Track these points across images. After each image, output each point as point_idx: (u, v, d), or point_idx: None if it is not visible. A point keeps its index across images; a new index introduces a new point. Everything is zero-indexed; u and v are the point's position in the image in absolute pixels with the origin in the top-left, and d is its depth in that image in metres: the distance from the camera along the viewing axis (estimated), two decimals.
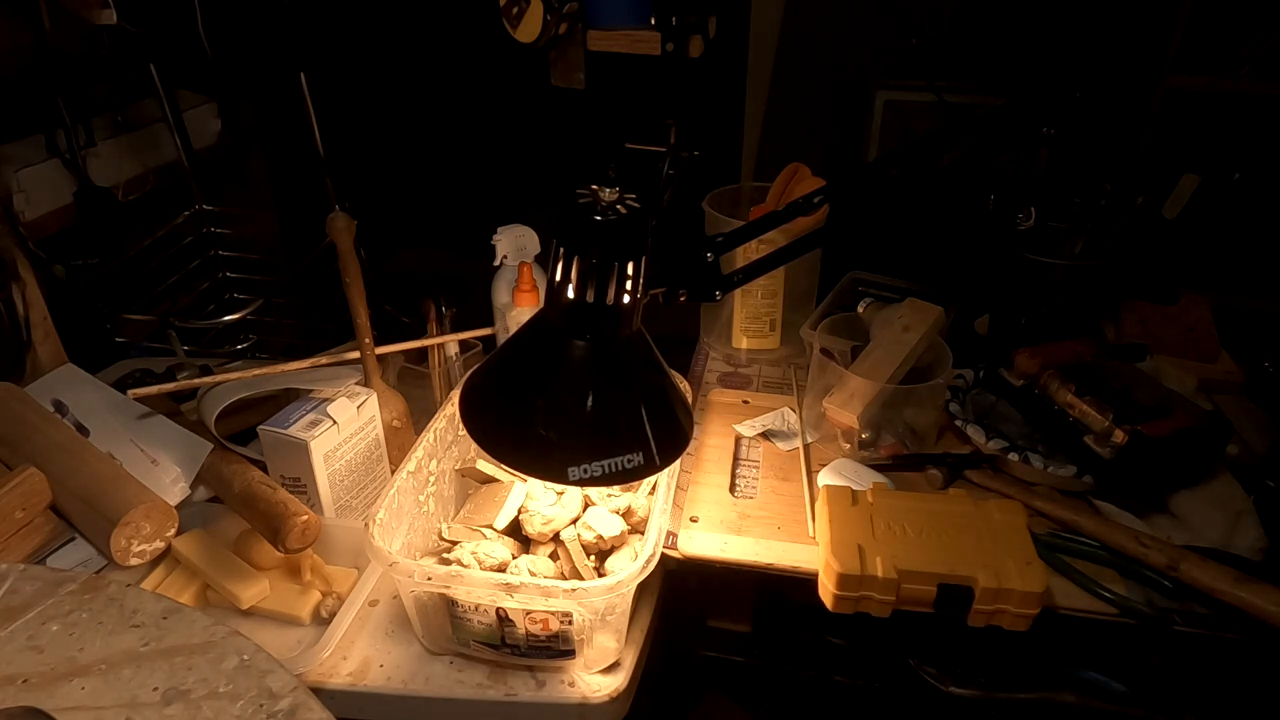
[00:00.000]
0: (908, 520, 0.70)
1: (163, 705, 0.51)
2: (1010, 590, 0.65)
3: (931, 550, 0.67)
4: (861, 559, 0.66)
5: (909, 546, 0.67)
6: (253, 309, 1.15)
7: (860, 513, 0.71)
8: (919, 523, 0.69)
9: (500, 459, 0.60)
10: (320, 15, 1.26)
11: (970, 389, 0.91)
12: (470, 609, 0.66)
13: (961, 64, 1.10)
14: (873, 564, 0.65)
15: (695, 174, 1.15)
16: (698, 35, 1.01)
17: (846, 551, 0.66)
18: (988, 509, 0.72)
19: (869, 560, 0.65)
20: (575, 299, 0.55)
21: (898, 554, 0.66)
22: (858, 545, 0.67)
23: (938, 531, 0.69)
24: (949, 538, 0.68)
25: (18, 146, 1.08)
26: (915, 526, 0.69)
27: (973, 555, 0.66)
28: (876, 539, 0.68)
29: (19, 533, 0.76)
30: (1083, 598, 0.70)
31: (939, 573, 0.65)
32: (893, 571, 0.64)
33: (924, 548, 0.67)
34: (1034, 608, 0.65)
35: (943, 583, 0.64)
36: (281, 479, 0.81)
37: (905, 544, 0.67)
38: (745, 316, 1.05)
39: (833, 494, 0.73)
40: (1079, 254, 0.94)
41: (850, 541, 0.67)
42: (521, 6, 0.99)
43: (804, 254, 0.69)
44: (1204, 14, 1.02)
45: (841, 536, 0.68)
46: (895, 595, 0.65)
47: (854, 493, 0.73)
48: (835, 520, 0.70)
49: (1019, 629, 0.66)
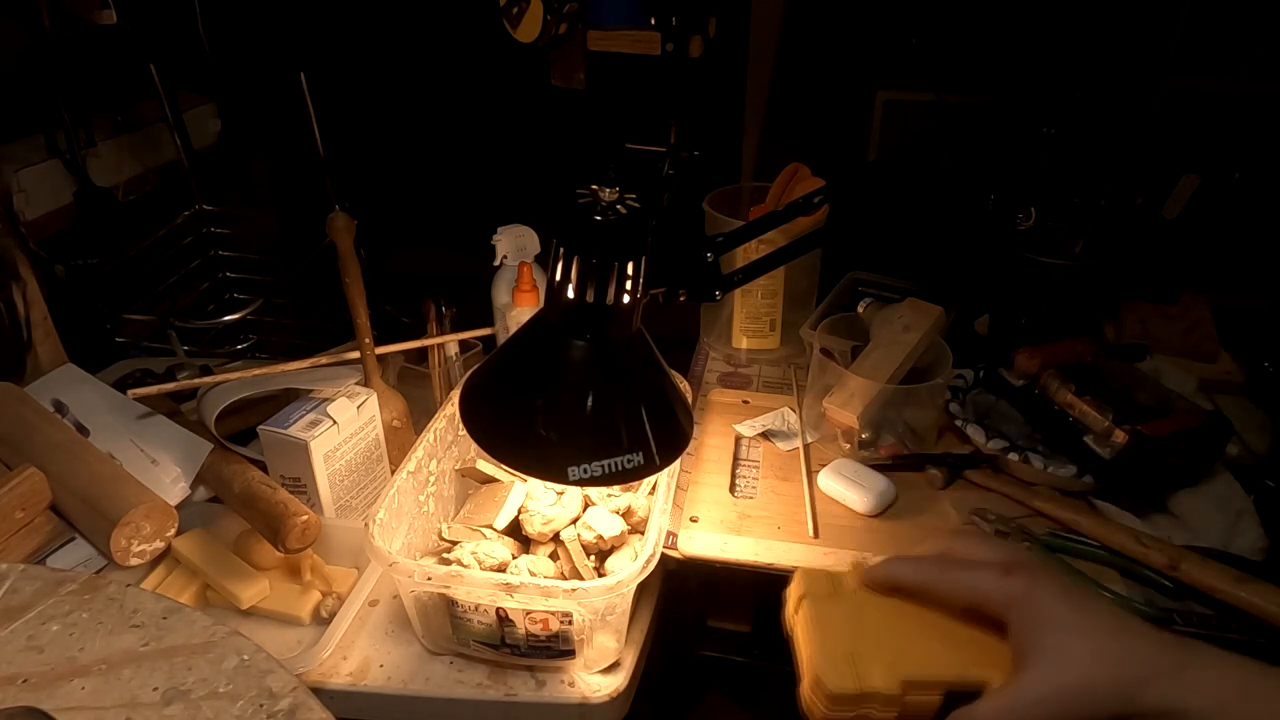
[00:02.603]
0: (902, 611, 0.54)
1: (163, 705, 0.51)
2: None
3: (936, 649, 0.52)
4: (856, 671, 0.50)
5: (910, 647, 0.52)
6: (253, 309, 1.15)
7: (845, 608, 0.54)
8: (916, 613, 0.53)
9: (500, 459, 0.60)
10: (320, 15, 1.26)
11: (970, 389, 0.91)
12: (470, 609, 0.67)
13: (961, 64, 1.10)
14: (869, 676, 0.50)
15: (695, 174, 1.15)
16: (698, 35, 1.01)
17: (838, 664, 0.51)
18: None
19: (864, 671, 0.50)
20: (575, 299, 0.55)
21: (899, 660, 0.51)
22: (850, 653, 0.51)
23: (939, 623, 0.53)
24: (953, 629, 0.52)
25: (18, 146, 1.08)
26: (913, 618, 0.53)
27: (985, 652, 0.51)
28: (870, 641, 0.52)
29: (19, 533, 0.76)
30: None
31: (948, 680, 0.50)
32: (896, 685, 0.49)
33: (928, 647, 0.52)
34: None
35: (951, 690, 0.50)
36: (281, 479, 0.81)
37: (906, 644, 0.52)
38: (745, 316, 1.05)
39: (809, 583, 0.56)
40: (1079, 254, 0.94)
41: (841, 650, 0.52)
42: (521, 6, 0.99)
43: (804, 254, 0.69)
44: (1204, 14, 1.02)
45: (830, 644, 0.52)
46: (899, 710, 0.50)
47: (831, 578, 0.56)
48: (819, 621, 0.54)
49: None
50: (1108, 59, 1.04)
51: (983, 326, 1.03)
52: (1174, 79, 1.04)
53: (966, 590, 0.51)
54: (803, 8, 1.14)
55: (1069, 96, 0.85)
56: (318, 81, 1.12)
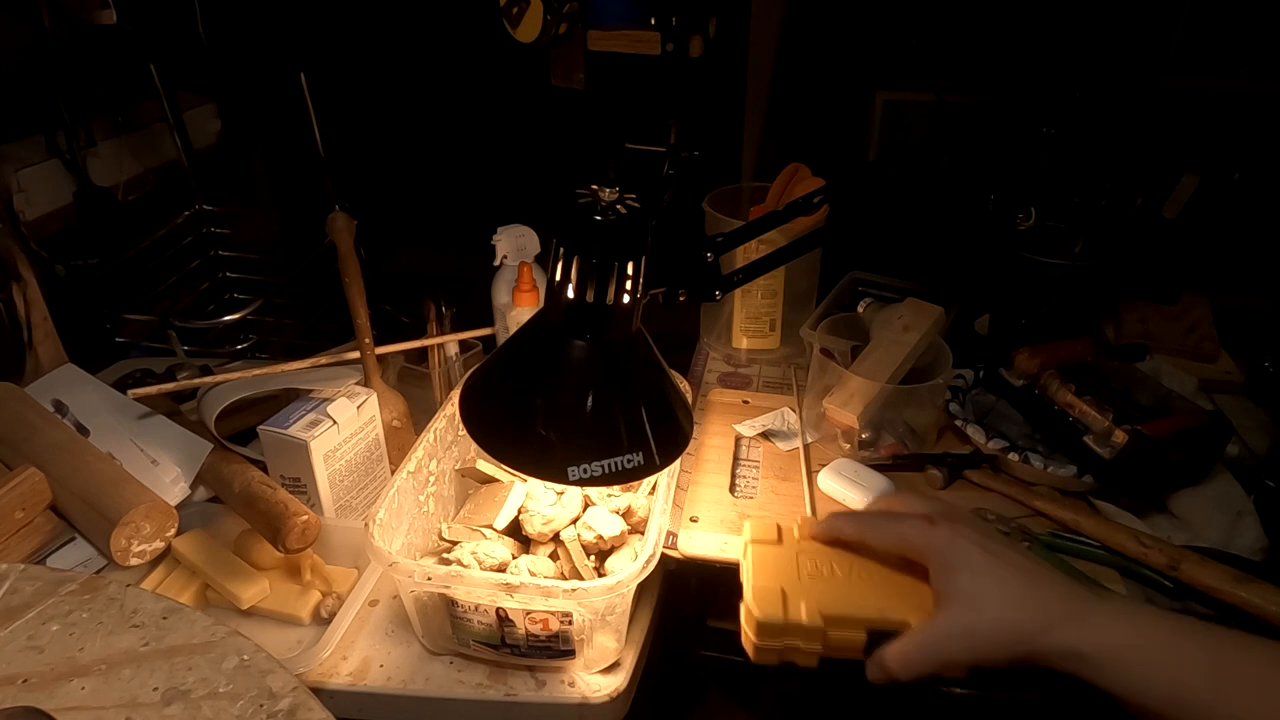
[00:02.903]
0: (836, 559, 0.62)
1: (163, 705, 0.51)
2: None
3: (862, 592, 0.59)
4: (785, 605, 0.58)
5: (837, 589, 0.60)
6: (253, 309, 1.15)
7: (785, 553, 0.62)
8: (848, 561, 0.61)
9: (500, 459, 0.60)
10: (320, 15, 1.26)
11: (970, 389, 0.91)
12: (470, 609, 0.67)
13: (961, 64, 1.10)
14: (796, 610, 0.57)
15: (695, 174, 1.15)
16: (698, 35, 1.01)
17: (768, 597, 0.58)
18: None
19: (793, 606, 0.58)
20: (575, 299, 0.55)
21: (824, 598, 0.58)
22: (780, 590, 0.59)
23: (869, 570, 0.61)
24: (881, 576, 0.60)
25: (18, 146, 1.08)
26: (845, 566, 0.61)
27: (907, 595, 0.58)
28: (802, 581, 0.60)
29: (19, 533, 0.77)
30: None
31: (869, 618, 0.57)
32: (818, 618, 0.57)
33: (853, 589, 0.59)
34: None
35: (872, 628, 0.57)
36: (281, 479, 0.81)
37: (833, 586, 0.60)
38: (745, 316, 1.05)
39: (757, 529, 0.65)
40: (1079, 254, 0.94)
41: (773, 586, 0.59)
42: (521, 6, 0.99)
43: (804, 254, 0.69)
44: (1204, 14, 1.02)
45: (763, 580, 0.60)
46: (822, 643, 0.58)
47: (779, 529, 0.64)
48: (759, 563, 0.62)
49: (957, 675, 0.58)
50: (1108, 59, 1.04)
51: (983, 326, 1.03)
52: (1174, 79, 1.04)
53: (895, 539, 0.57)
54: (803, 8, 1.14)
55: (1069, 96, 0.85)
56: (318, 81, 1.12)
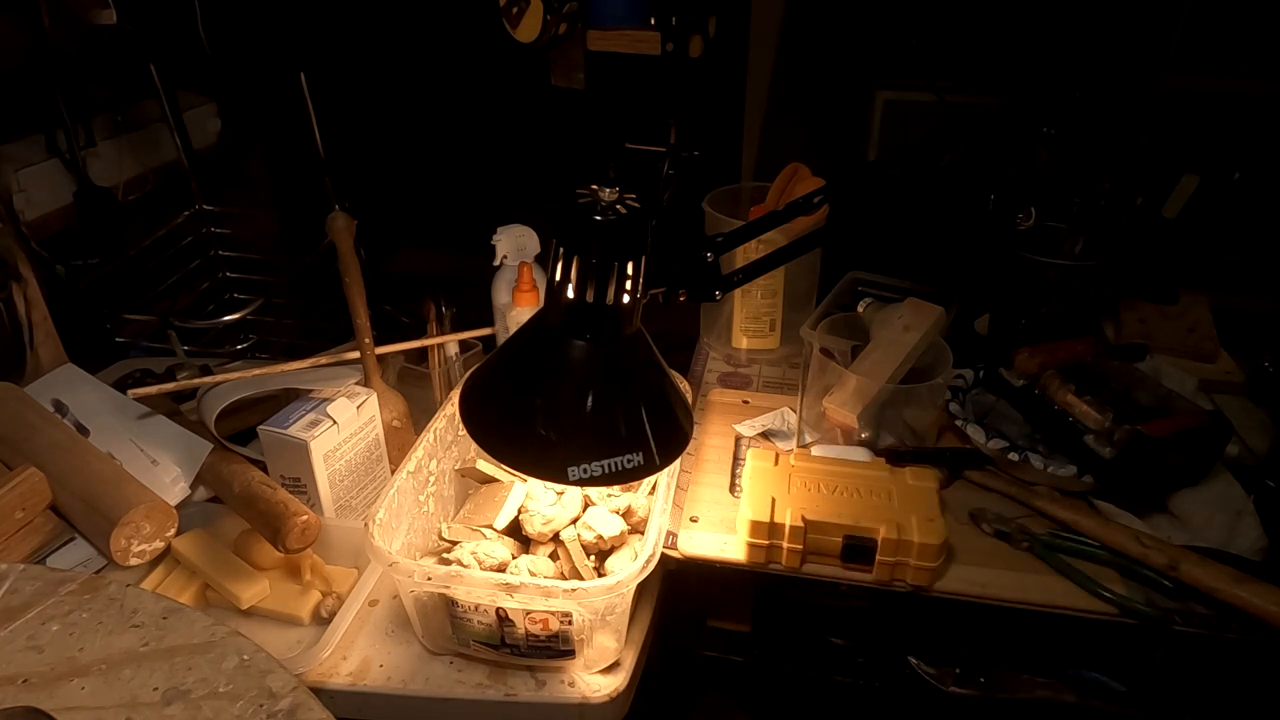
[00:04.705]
0: (823, 480, 0.75)
1: (163, 705, 0.51)
2: (910, 543, 0.69)
3: (841, 506, 0.72)
4: (772, 509, 0.71)
5: (820, 502, 0.72)
6: (253, 309, 1.15)
7: (780, 472, 0.76)
8: (833, 483, 0.75)
9: (500, 459, 0.60)
10: (320, 15, 1.26)
11: (970, 389, 0.91)
12: (470, 609, 0.67)
13: (961, 64, 1.10)
14: (782, 514, 0.70)
15: (695, 174, 1.15)
16: (698, 35, 1.01)
17: (760, 502, 0.72)
18: (902, 475, 0.77)
19: (779, 510, 0.71)
20: (575, 299, 0.55)
21: (808, 507, 0.71)
22: (771, 498, 0.72)
23: (850, 491, 0.74)
24: (860, 497, 0.73)
25: (18, 146, 1.08)
26: (829, 486, 0.74)
27: (880, 512, 0.71)
28: (791, 494, 0.73)
29: (19, 533, 0.77)
30: (1083, 598, 0.70)
31: (844, 524, 0.70)
32: (800, 521, 0.70)
33: (834, 504, 0.72)
34: (933, 560, 0.69)
35: (847, 534, 0.70)
36: (281, 479, 0.81)
37: (817, 499, 0.73)
38: (745, 316, 1.05)
39: (757, 454, 0.78)
40: (1079, 254, 0.94)
41: (765, 495, 0.72)
42: (521, 6, 0.99)
43: (804, 254, 0.69)
44: (1204, 14, 1.02)
45: (757, 491, 0.73)
46: (803, 544, 0.70)
47: (777, 454, 0.78)
48: (755, 477, 0.75)
49: (921, 583, 0.70)
50: (1108, 59, 1.04)
51: (983, 326, 1.03)
52: (1174, 79, 1.04)
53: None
54: (803, 8, 1.14)
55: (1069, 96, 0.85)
56: (318, 81, 1.12)
